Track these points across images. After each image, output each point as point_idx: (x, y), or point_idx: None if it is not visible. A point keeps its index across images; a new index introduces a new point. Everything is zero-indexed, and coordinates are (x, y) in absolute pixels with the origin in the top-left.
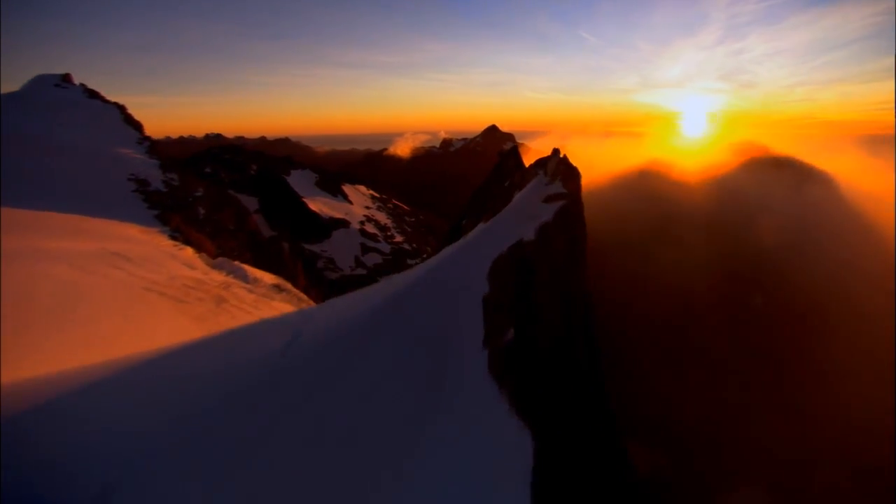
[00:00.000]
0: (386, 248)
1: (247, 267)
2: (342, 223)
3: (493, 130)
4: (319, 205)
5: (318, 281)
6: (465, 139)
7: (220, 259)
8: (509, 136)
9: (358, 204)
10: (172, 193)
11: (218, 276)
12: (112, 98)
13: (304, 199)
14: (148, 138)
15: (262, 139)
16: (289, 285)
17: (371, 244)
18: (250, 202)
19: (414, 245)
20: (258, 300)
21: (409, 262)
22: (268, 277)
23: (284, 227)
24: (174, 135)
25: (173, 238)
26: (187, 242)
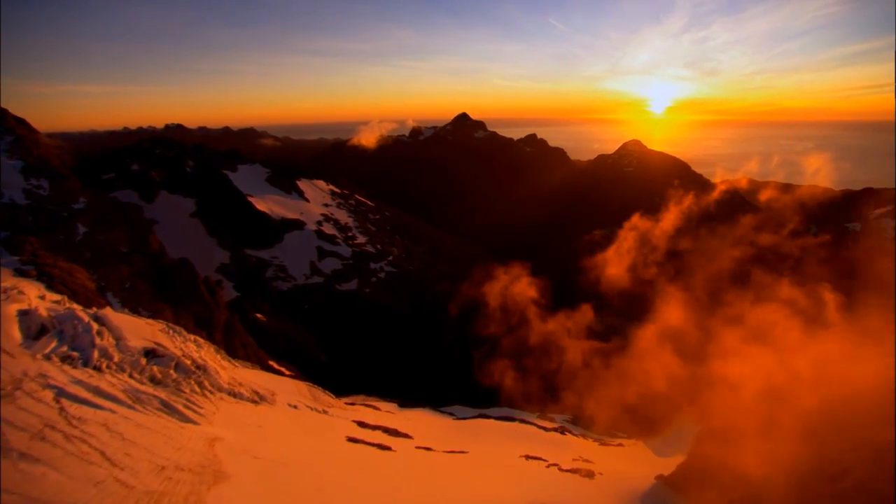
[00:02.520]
0: (346, 251)
1: (114, 317)
2: (296, 224)
3: (463, 118)
4: (270, 204)
5: (265, 295)
6: (434, 127)
7: (63, 313)
8: (480, 125)
9: (315, 201)
10: (36, 207)
11: (20, 361)
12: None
13: (252, 198)
14: (11, 131)
15: (226, 129)
16: (175, 343)
17: (329, 247)
18: (186, 204)
19: (378, 246)
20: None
21: (373, 265)
22: (143, 333)
23: (226, 231)
24: (132, 125)
25: (21, 273)
26: (44, 278)
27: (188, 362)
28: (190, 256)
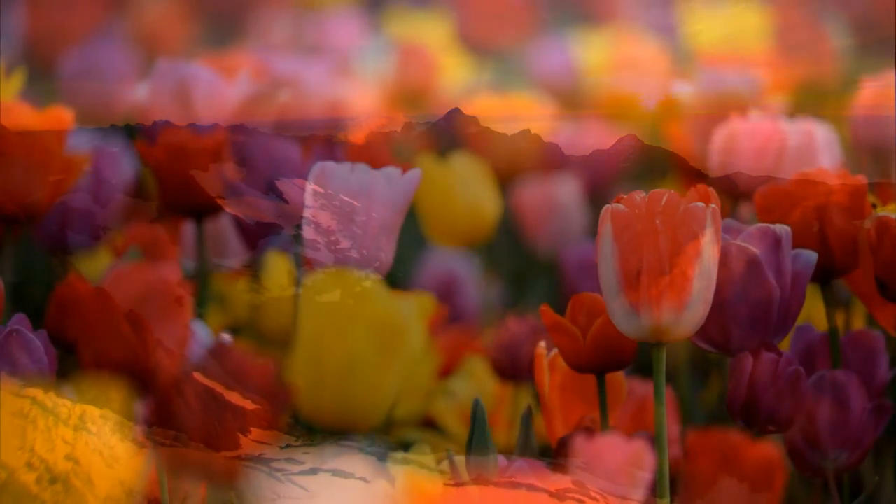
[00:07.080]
0: (328, 257)
1: None
2: (269, 228)
3: (455, 113)
4: (241, 206)
5: (231, 313)
6: (426, 123)
7: None
8: (472, 119)
9: (293, 201)
10: None
11: None
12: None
13: (216, 201)
14: None
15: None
16: (25, 438)
17: (308, 254)
18: None
19: (364, 251)
20: None
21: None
22: None
23: (186, 239)
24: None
25: None
26: None
27: (29, 478)
28: None
